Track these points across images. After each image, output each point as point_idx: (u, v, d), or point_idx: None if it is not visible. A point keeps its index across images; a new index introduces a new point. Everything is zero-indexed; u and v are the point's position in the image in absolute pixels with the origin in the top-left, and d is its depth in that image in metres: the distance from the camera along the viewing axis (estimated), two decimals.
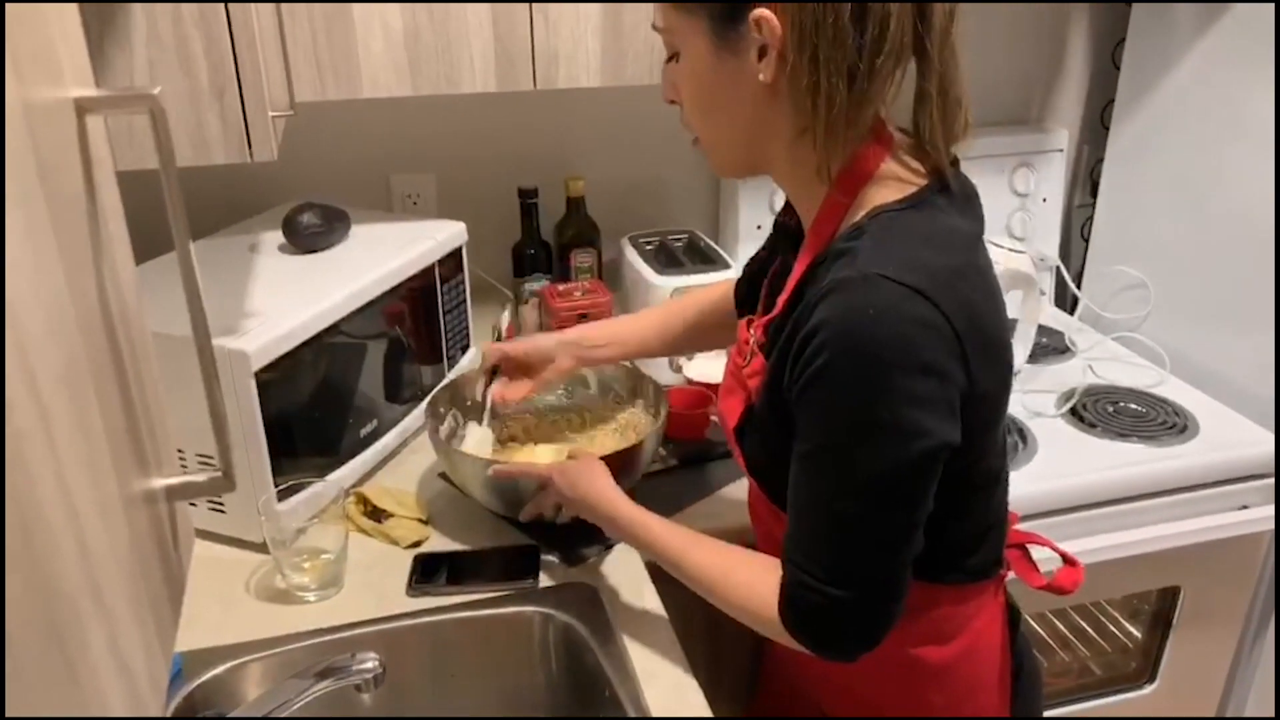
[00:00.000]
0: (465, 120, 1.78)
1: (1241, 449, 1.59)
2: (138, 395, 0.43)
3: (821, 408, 0.83)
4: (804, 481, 0.87)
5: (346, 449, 1.34)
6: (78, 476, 0.32)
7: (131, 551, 0.37)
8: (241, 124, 1.05)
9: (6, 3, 0.30)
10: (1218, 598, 1.68)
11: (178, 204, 0.43)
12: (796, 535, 0.88)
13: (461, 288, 1.58)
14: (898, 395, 0.79)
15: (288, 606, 1.17)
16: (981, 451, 0.92)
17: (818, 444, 0.84)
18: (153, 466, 0.44)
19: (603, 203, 1.82)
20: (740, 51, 0.83)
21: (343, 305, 1.28)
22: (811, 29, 0.79)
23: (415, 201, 1.81)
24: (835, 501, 0.84)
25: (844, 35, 0.79)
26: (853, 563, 0.85)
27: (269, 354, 1.17)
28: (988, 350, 0.85)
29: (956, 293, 0.81)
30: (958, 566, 0.97)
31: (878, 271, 0.79)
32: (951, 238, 0.86)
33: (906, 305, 0.78)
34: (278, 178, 1.67)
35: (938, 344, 0.79)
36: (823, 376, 0.81)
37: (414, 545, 1.26)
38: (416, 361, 1.49)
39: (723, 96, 0.87)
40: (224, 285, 1.29)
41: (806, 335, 0.82)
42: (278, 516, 1.18)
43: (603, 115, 1.84)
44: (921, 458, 0.82)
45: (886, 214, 0.84)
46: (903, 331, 0.78)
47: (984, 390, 0.85)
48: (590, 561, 1.24)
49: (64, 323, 0.33)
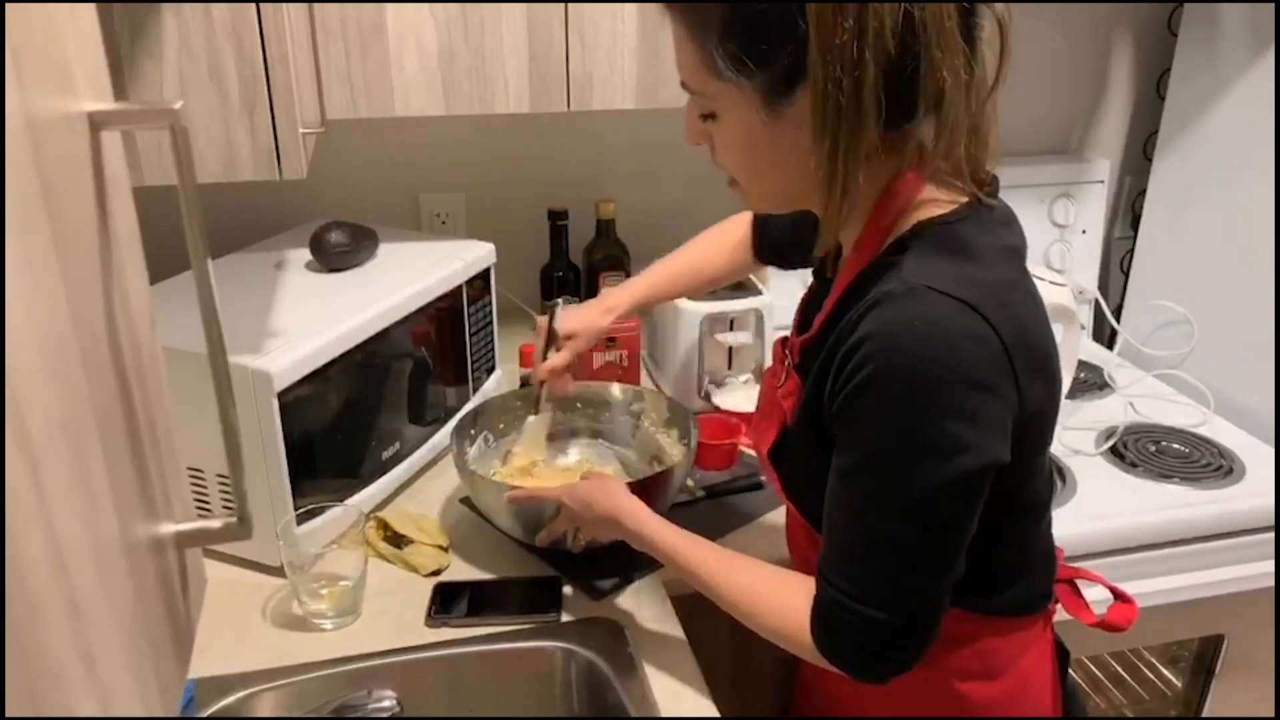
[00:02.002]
0: (496, 140, 1.76)
1: None
2: (148, 435, 0.40)
3: (864, 422, 0.80)
4: (843, 498, 0.84)
5: (368, 472, 1.31)
6: (72, 531, 0.29)
7: (134, 607, 0.34)
8: (272, 140, 1.03)
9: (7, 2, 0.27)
10: (1262, 647, 1.62)
11: (197, 226, 0.40)
12: (833, 553, 0.85)
13: (489, 309, 1.56)
14: (945, 410, 0.77)
15: (304, 634, 1.14)
16: (1029, 474, 0.89)
17: (859, 459, 0.81)
18: (162, 511, 0.41)
19: (633, 226, 1.79)
20: (794, 118, 0.80)
21: (368, 325, 1.26)
22: (833, 110, 0.76)
23: (444, 221, 1.79)
24: (875, 519, 0.81)
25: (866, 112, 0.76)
26: (891, 583, 0.82)
27: (292, 374, 1.14)
28: (1036, 367, 0.82)
29: (1005, 307, 0.79)
30: (1000, 597, 0.93)
31: (924, 283, 0.77)
32: (997, 253, 0.84)
33: (955, 318, 0.76)
34: (305, 194, 1.65)
35: (987, 358, 0.77)
36: (867, 390, 0.78)
37: (434, 573, 1.23)
38: (441, 383, 1.47)
39: (772, 156, 0.85)
40: (248, 303, 1.28)
41: (850, 348, 0.79)
42: (296, 540, 1.15)
43: (635, 138, 1.82)
44: (967, 477, 0.78)
45: (932, 228, 0.83)
46: (951, 344, 0.76)
47: (1033, 408, 0.82)
48: (613, 594, 1.20)
49: (66, 363, 0.30)
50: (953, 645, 0.89)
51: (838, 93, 0.75)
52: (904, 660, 0.85)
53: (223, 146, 1.02)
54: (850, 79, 0.74)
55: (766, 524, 1.36)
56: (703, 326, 1.60)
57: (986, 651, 0.94)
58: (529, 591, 1.20)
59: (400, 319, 1.32)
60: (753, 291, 1.65)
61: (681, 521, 1.32)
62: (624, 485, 1.11)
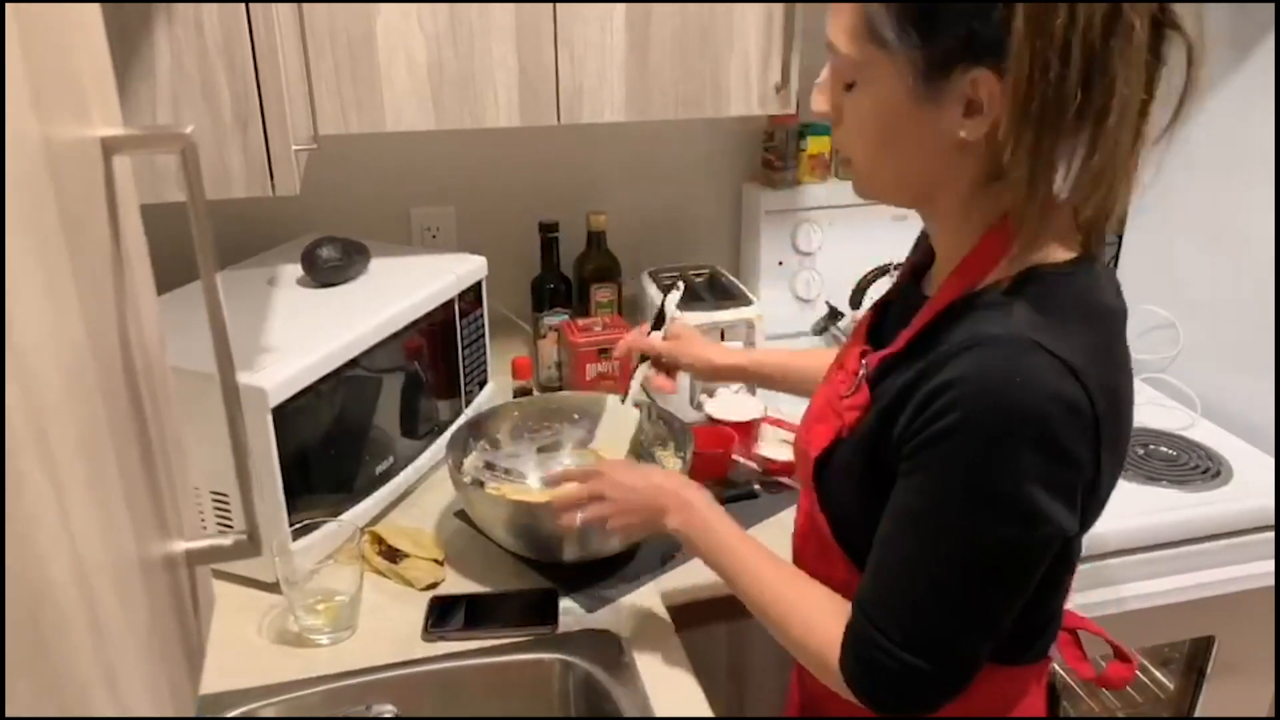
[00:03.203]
0: (486, 153, 1.77)
1: None
2: (159, 452, 0.40)
3: (940, 468, 0.76)
4: (900, 540, 0.81)
5: (362, 486, 1.31)
6: (94, 551, 0.29)
7: (150, 625, 0.34)
8: (264, 157, 1.04)
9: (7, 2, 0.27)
10: (1253, 647, 1.63)
11: (207, 246, 0.40)
12: (878, 592, 0.82)
13: (480, 322, 1.56)
14: (1027, 473, 0.73)
15: (300, 650, 1.14)
16: (1078, 544, 0.87)
17: (926, 505, 0.78)
18: (174, 530, 0.42)
19: (624, 237, 1.80)
20: (941, 103, 0.75)
21: (361, 340, 1.26)
22: (1033, 103, 0.71)
23: (435, 235, 1.79)
24: (933, 568, 0.78)
25: (1065, 110, 0.71)
26: (935, 634, 0.80)
27: (286, 390, 1.14)
28: (1118, 441, 0.79)
29: (1103, 375, 0.75)
30: (1016, 650, 0.91)
31: (1033, 337, 0.73)
32: (1103, 314, 0.80)
33: (1056, 381, 0.72)
34: (297, 210, 1.66)
35: (1078, 428, 0.73)
36: (948, 436, 0.74)
37: (430, 587, 1.23)
38: (434, 396, 1.47)
39: (906, 140, 0.79)
40: (241, 319, 1.28)
41: (937, 389, 0.75)
42: (291, 556, 1.15)
43: (625, 150, 1.83)
44: (1034, 544, 0.76)
45: (1048, 275, 0.77)
46: (1047, 408, 0.72)
47: (1104, 482, 0.79)
48: (609, 605, 1.20)
49: (84, 384, 0.30)
50: None
51: (1044, 81, 0.69)
52: (931, 707, 0.83)
53: (215, 164, 1.03)
54: (1058, 67, 0.69)
55: (766, 531, 1.36)
56: None
57: (992, 694, 0.91)
58: (525, 604, 1.20)
59: (392, 333, 1.32)
60: (743, 302, 1.66)
61: None
62: (673, 472, 1.08)
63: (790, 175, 1.82)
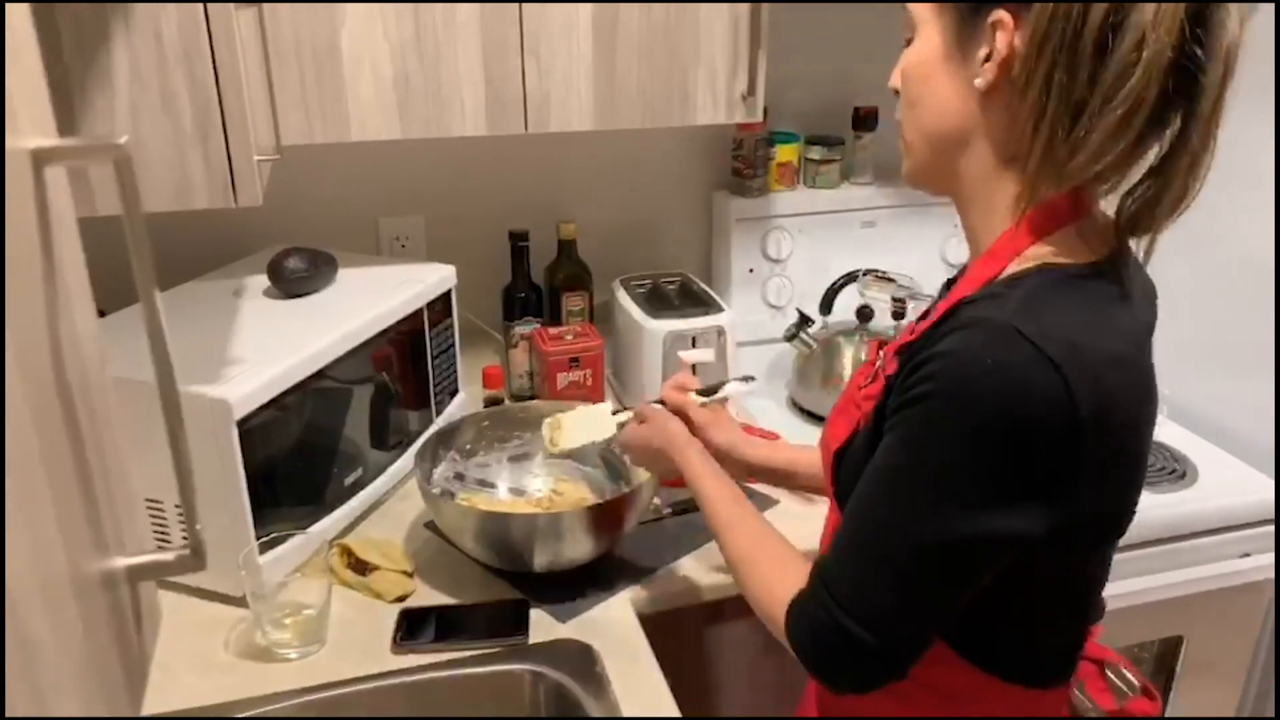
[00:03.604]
0: (455, 162, 1.76)
1: (1242, 495, 1.56)
2: (97, 468, 0.40)
3: (905, 431, 0.77)
4: (861, 506, 0.81)
5: (330, 498, 1.30)
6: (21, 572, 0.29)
7: (86, 644, 0.34)
8: (226, 168, 1.03)
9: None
10: (1221, 647, 1.65)
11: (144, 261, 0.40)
12: (837, 555, 0.82)
13: (450, 332, 1.55)
14: (986, 464, 0.73)
15: (268, 665, 1.13)
16: (1075, 568, 0.85)
17: (888, 468, 0.78)
18: (113, 546, 0.41)
19: (595, 246, 1.80)
20: (968, 53, 0.78)
21: (328, 351, 1.26)
22: (1049, 44, 0.72)
23: (404, 244, 1.78)
24: (887, 541, 0.78)
25: (1080, 63, 0.71)
26: (881, 607, 0.79)
27: (251, 402, 1.13)
28: (1115, 458, 0.77)
29: (1101, 381, 0.72)
30: (1035, 671, 0.89)
31: (1017, 325, 0.72)
32: (1120, 321, 0.78)
33: (1033, 370, 0.71)
34: (264, 221, 1.64)
35: (1050, 425, 0.71)
36: (919, 403, 0.75)
37: (399, 599, 1.22)
38: (404, 407, 1.46)
39: (932, 93, 0.81)
40: (206, 331, 1.26)
41: (924, 359, 0.75)
42: (259, 570, 1.14)
43: (595, 158, 1.83)
44: (983, 537, 0.75)
45: (1059, 273, 0.77)
46: (1016, 397, 0.71)
47: (1100, 500, 0.78)
48: (581, 615, 1.20)
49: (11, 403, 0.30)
50: (971, 705, 0.88)
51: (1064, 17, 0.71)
52: (869, 683, 0.82)
53: (176, 174, 1.02)
54: (1075, 21, 0.70)
55: None
56: (665, 344, 1.60)
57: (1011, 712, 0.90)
58: (496, 615, 1.19)
59: (360, 343, 1.32)
60: (714, 309, 1.66)
61: (647, 539, 1.33)
62: (679, 424, 1.15)
63: (760, 183, 1.82)
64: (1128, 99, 0.71)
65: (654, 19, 1.39)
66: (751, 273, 1.87)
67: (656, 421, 1.17)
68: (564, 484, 1.42)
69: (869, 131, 1.86)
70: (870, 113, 1.85)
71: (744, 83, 1.47)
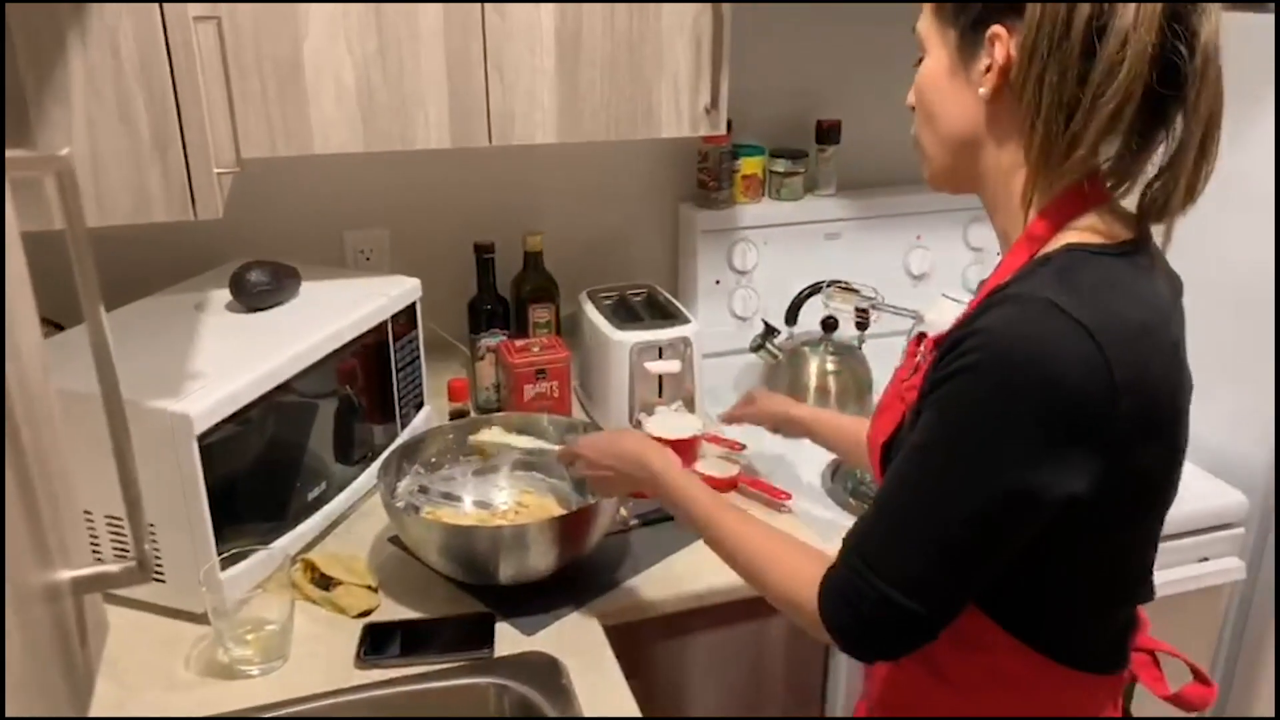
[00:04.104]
0: (420, 175, 1.76)
1: (1201, 501, 1.59)
2: (39, 481, 0.39)
3: (949, 406, 0.80)
4: (903, 478, 0.84)
5: (294, 513, 1.30)
6: None
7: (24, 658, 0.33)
8: (185, 181, 1.02)
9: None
10: (1190, 650, 1.66)
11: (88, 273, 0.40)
12: (875, 528, 0.85)
13: (415, 344, 1.55)
14: (1029, 430, 0.76)
15: (230, 682, 1.12)
16: (1124, 528, 0.87)
17: (932, 440, 0.81)
18: (57, 559, 0.41)
19: (561, 257, 1.80)
20: (971, 66, 0.85)
21: (290, 364, 1.25)
22: (1039, 50, 0.78)
23: (369, 257, 1.78)
24: (929, 509, 0.81)
25: (1069, 64, 0.77)
26: (919, 572, 0.82)
27: (212, 416, 1.13)
28: (1151, 420, 0.80)
29: (1133, 348, 0.77)
30: (1089, 651, 0.91)
31: (1050, 298, 0.76)
32: (1146, 295, 0.82)
33: (1069, 339, 0.75)
34: (229, 235, 1.64)
35: (1089, 389, 0.75)
36: (957, 377, 0.78)
37: (363, 614, 1.22)
38: (368, 421, 1.46)
39: (944, 105, 0.88)
40: (168, 345, 1.25)
41: (961, 336, 0.79)
42: (220, 586, 1.13)
43: (561, 170, 1.83)
44: (1028, 500, 0.78)
45: (1081, 251, 0.82)
46: (1054, 365, 0.75)
47: (1141, 465, 0.81)
48: (548, 628, 1.20)
49: None
50: (1024, 689, 0.90)
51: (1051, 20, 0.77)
52: (902, 649, 0.86)
53: (134, 187, 1.01)
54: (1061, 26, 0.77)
55: (702, 549, 1.36)
56: (632, 355, 1.61)
57: (1061, 703, 0.92)
58: (461, 629, 1.19)
59: (323, 357, 1.31)
60: (681, 320, 1.67)
61: (615, 551, 1.33)
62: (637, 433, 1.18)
63: (725, 195, 1.84)
64: (1116, 94, 0.76)
65: (617, 33, 1.40)
66: (718, 284, 1.88)
67: (597, 434, 1.20)
68: (529, 496, 1.42)
69: (832, 144, 1.88)
70: (833, 125, 1.87)
71: (707, 96, 1.48)
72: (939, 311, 1.68)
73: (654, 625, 1.30)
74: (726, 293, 1.89)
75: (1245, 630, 1.75)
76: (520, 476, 1.45)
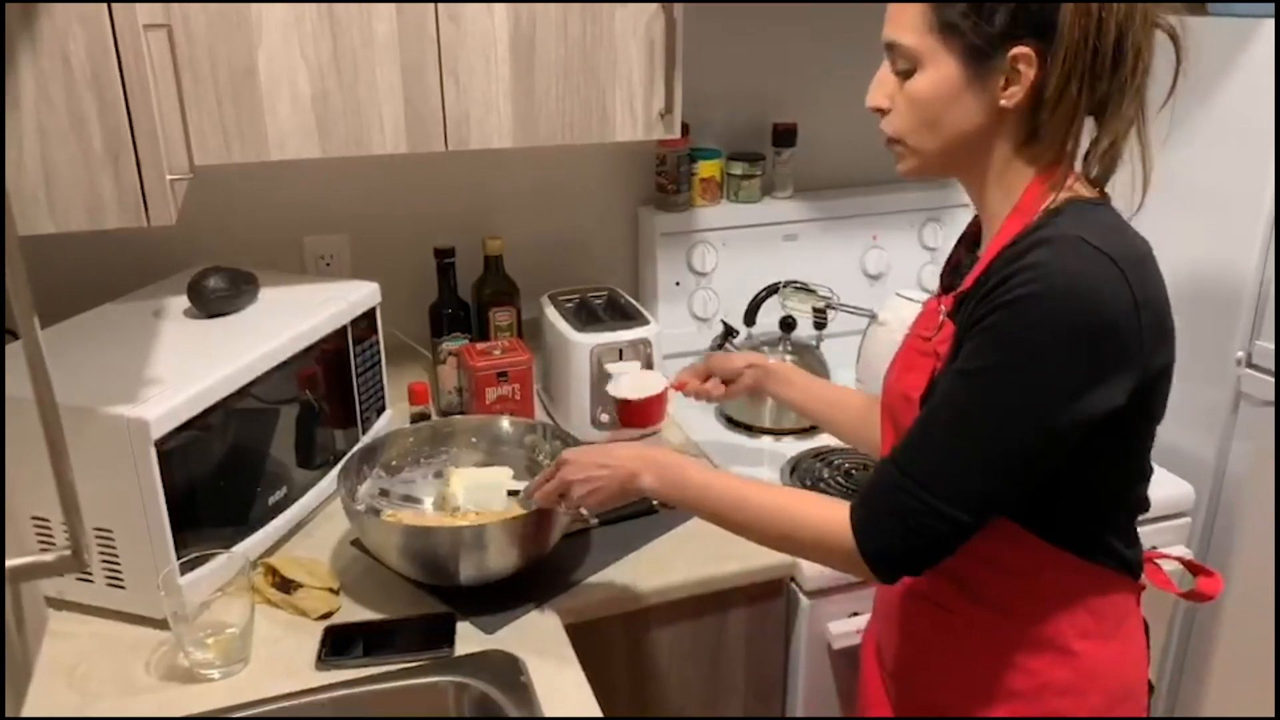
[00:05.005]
0: (379, 180, 1.77)
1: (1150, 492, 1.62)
2: None
3: (1005, 333, 0.88)
4: (950, 399, 0.92)
5: (255, 518, 1.30)
6: None
7: None
8: (137, 188, 1.03)
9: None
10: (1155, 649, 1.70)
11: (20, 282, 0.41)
12: (919, 447, 0.93)
13: (376, 349, 1.56)
14: (1080, 350, 0.86)
15: (190, 686, 1.12)
16: (1148, 434, 0.98)
17: (987, 364, 0.89)
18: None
19: (522, 261, 1.82)
20: (988, 80, 0.91)
21: (249, 369, 1.25)
22: (1078, 71, 0.88)
23: (329, 263, 1.78)
24: (980, 424, 0.89)
25: (1101, 77, 0.89)
26: (966, 481, 0.90)
27: (170, 422, 1.13)
28: (1160, 329, 0.92)
29: (1143, 271, 0.90)
30: (1112, 548, 1.01)
31: (1079, 235, 0.88)
32: (1135, 233, 0.95)
33: (1103, 270, 0.86)
34: (188, 242, 1.64)
35: (1123, 311, 0.87)
36: (1010, 306, 0.87)
37: (324, 616, 1.22)
38: (329, 425, 1.46)
39: (951, 113, 0.94)
40: (125, 352, 1.26)
41: (1010, 273, 0.88)
42: (179, 590, 1.13)
43: (520, 174, 1.85)
44: (1069, 421, 0.88)
45: (1083, 203, 0.93)
46: (1096, 293, 0.86)
47: (1158, 368, 0.92)
48: (509, 626, 1.21)
49: None
50: (1067, 601, 0.99)
51: (1086, 48, 0.87)
52: (935, 558, 0.93)
53: (87, 195, 1.01)
54: (1095, 36, 0.87)
55: (661, 547, 1.39)
56: (593, 357, 1.62)
57: (1098, 611, 1.01)
58: (422, 629, 1.20)
59: (283, 362, 1.32)
60: (641, 322, 1.68)
61: (574, 550, 1.35)
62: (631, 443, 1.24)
63: (684, 198, 1.86)
64: (1135, 98, 0.91)
65: (570, 38, 1.42)
66: (678, 286, 1.90)
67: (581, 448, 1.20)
68: None
69: (788, 147, 1.91)
70: (789, 129, 1.90)
71: (661, 100, 1.50)
72: (894, 310, 1.72)
73: (615, 622, 1.32)
74: (686, 294, 1.91)
75: (1195, 619, 1.80)
76: None
